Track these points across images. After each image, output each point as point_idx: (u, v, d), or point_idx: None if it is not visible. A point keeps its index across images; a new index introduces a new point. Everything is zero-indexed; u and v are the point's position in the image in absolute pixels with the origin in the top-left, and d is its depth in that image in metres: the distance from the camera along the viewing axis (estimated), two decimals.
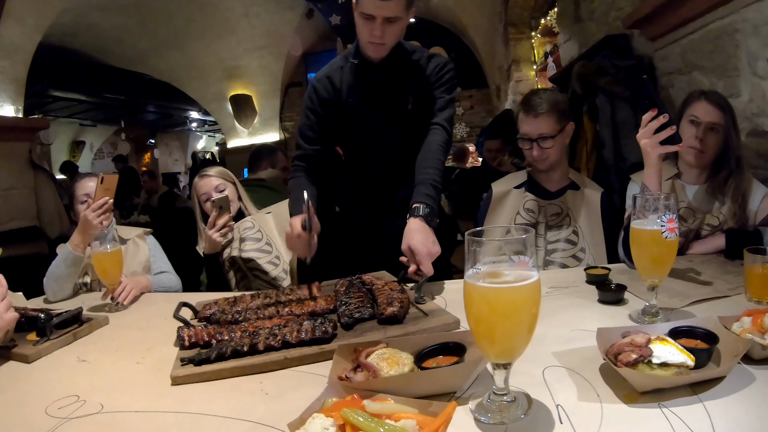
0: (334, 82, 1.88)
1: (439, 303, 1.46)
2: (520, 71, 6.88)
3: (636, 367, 0.91)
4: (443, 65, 1.86)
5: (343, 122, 1.91)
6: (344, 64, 1.88)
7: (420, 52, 1.88)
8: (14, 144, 4.51)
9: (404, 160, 1.83)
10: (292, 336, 1.18)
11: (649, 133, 1.48)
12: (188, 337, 1.25)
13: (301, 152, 1.92)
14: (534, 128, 1.92)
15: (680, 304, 1.32)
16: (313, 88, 1.90)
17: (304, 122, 1.91)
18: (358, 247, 2.04)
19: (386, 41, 1.72)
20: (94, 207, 1.91)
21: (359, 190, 2.08)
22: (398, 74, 1.84)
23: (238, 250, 2.16)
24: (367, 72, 1.85)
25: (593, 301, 1.40)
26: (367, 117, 1.88)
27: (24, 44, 4.56)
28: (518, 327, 0.77)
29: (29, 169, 4.60)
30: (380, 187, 1.99)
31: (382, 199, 1.98)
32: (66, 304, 1.89)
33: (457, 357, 0.98)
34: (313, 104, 1.89)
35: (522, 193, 2.05)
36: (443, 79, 1.85)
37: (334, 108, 1.88)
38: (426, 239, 1.52)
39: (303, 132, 1.92)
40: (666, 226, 1.20)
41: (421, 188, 1.65)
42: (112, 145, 13.97)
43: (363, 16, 1.67)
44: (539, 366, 1.03)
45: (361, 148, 1.99)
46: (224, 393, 1.06)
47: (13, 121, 4.50)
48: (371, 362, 0.93)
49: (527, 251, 0.75)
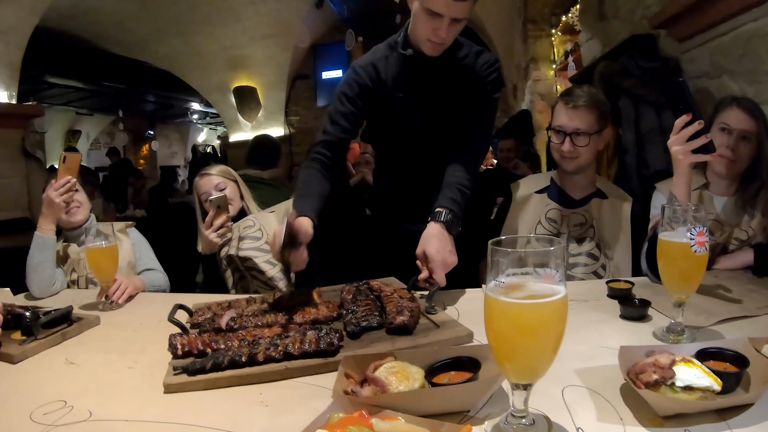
0: (380, 72, 1.80)
1: (451, 313, 1.44)
2: (539, 70, 6.83)
3: (658, 389, 0.89)
4: (492, 63, 1.82)
5: (383, 117, 1.85)
6: (389, 54, 1.81)
7: (468, 47, 1.82)
8: (6, 131, 4.52)
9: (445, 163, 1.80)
10: (294, 347, 1.16)
11: (681, 140, 1.45)
12: (181, 345, 1.22)
13: (328, 138, 1.79)
14: (570, 121, 1.86)
15: (706, 323, 1.29)
16: (356, 74, 1.81)
17: (339, 108, 1.80)
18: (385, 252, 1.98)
19: (448, 42, 1.67)
20: (56, 186, 1.93)
21: (393, 192, 2.02)
22: (449, 70, 1.79)
23: (235, 249, 2.14)
24: (418, 65, 1.78)
25: (615, 316, 1.38)
26: (411, 113, 1.82)
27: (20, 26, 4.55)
28: (542, 346, 0.75)
29: (21, 158, 4.61)
30: (417, 190, 1.92)
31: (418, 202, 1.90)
32: (56, 302, 1.88)
33: (470, 373, 0.96)
34: (353, 91, 1.79)
35: (544, 200, 2.00)
36: (490, 78, 1.81)
37: (375, 99, 1.81)
38: (443, 247, 1.49)
39: (335, 119, 1.80)
40: (695, 240, 1.17)
41: (447, 192, 1.62)
42: (109, 135, 14.00)
43: (428, 13, 1.59)
44: (559, 385, 1.00)
45: (400, 147, 1.93)
46: (221, 403, 1.04)
47: (6, 107, 4.50)
48: (379, 376, 0.90)
49: (554, 264, 0.73)
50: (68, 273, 2.13)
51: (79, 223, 2.15)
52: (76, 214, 2.14)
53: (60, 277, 2.06)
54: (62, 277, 2.08)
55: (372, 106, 1.82)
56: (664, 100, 2.92)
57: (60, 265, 2.10)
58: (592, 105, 1.85)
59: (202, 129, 16.76)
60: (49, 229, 1.98)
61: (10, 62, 4.57)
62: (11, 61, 4.58)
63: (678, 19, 2.80)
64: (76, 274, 2.14)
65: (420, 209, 1.87)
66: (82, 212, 2.16)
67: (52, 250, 1.99)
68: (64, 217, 2.09)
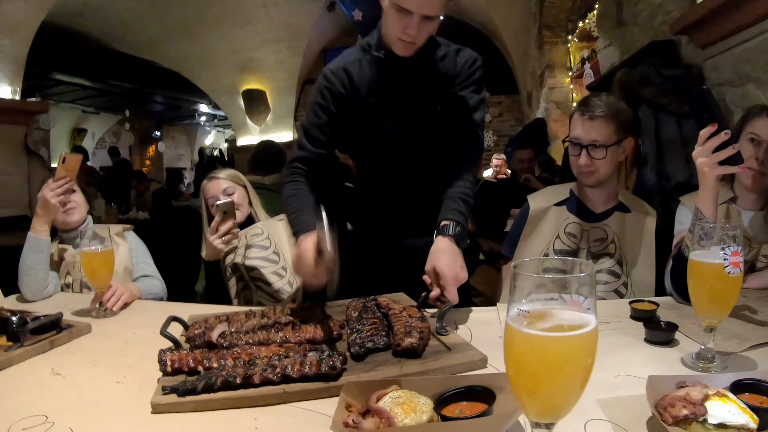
0: (353, 76, 1.71)
1: (464, 334, 1.37)
2: (554, 78, 6.78)
3: (689, 426, 0.82)
4: (473, 61, 1.74)
5: (360, 125, 1.76)
6: (362, 57, 1.72)
7: (446, 46, 1.75)
8: (9, 127, 4.50)
9: (430, 170, 1.73)
10: (293, 369, 1.08)
11: (707, 152, 1.38)
12: (171, 362, 1.15)
13: (304, 154, 1.72)
14: (586, 132, 1.78)
15: (738, 348, 1.22)
16: (327, 82, 1.71)
17: (313, 121, 1.72)
18: (373, 269, 1.90)
19: (419, 40, 1.59)
20: (53, 186, 1.90)
21: (377, 206, 1.93)
22: (426, 71, 1.71)
23: (242, 257, 2.08)
24: (392, 68, 1.70)
25: (639, 339, 1.31)
26: (389, 119, 1.74)
27: (26, 21, 4.55)
28: (569, 382, 0.68)
29: (24, 155, 4.59)
30: (402, 202, 1.85)
31: (404, 214, 1.86)
32: (48, 305, 1.83)
33: (484, 404, 0.89)
34: (326, 101, 1.70)
35: (563, 213, 1.92)
36: (474, 77, 1.73)
37: (350, 107, 1.72)
38: (454, 262, 1.43)
39: (309, 132, 1.72)
40: (729, 260, 1.10)
41: (450, 203, 1.55)
42: (114, 134, 14.06)
43: (397, 9, 1.51)
44: (581, 418, 0.93)
45: (381, 157, 1.84)
46: (212, 428, 0.97)
47: (9, 103, 4.48)
48: (384, 407, 0.83)
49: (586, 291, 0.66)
50: (62, 276, 2.09)
51: (76, 225, 2.11)
52: (73, 214, 2.09)
53: (54, 280, 2.02)
54: (56, 281, 2.04)
55: (347, 113, 1.72)
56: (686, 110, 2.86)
57: (54, 268, 2.06)
58: (609, 115, 1.77)
59: (209, 131, 16.77)
60: (42, 230, 1.94)
61: (16, 58, 4.56)
62: (16, 57, 4.56)
63: (700, 24, 2.73)
64: (71, 278, 2.09)
65: (406, 221, 1.83)
66: (78, 213, 2.12)
67: (46, 252, 1.95)
68: (60, 218, 2.05)
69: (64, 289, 2.07)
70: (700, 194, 1.45)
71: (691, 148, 2.71)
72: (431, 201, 1.63)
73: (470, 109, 1.71)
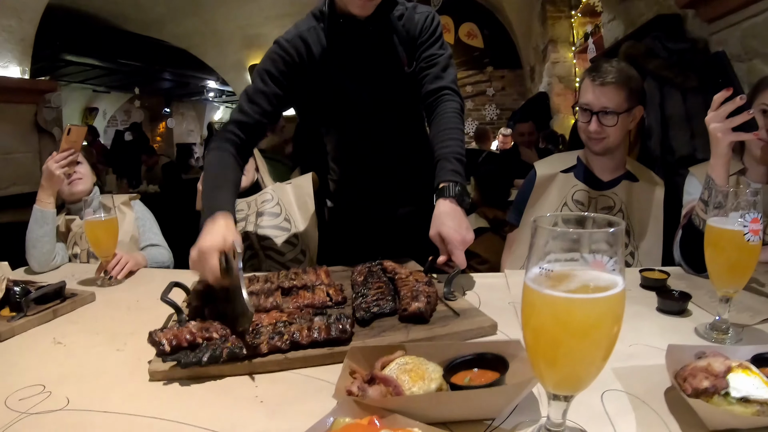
0: (310, 45, 1.57)
1: (472, 300, 1.30)
2: (557, 52, 6.71)
3: (710, 399, 0.75)
4: (432, 16, 1.62)
5: (324, 96, 1.64)
6: (316, 25, 1.59)
7: (402, 4, 1.62)
8: (19, 106, 4.46)
9: (405, 137, 1.64)
10: (302, 335, 1.01)
11: (720, 117, 1.30)
12: (167, 341, 1.02)
13: (243, 119, 1.54)
14: (597, 99, 1.69)
15: (751, 321, 1.16)
16: (282, 50, 1.56)
17: (260, 87, 1.55)
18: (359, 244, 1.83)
19: None
20: (57, 158, 1.86)
21: (356, 179, 1.84)
22: (386, 32, 1.59)
23: (254, 225, 1.99)
24: (351, 32, 1.56)
25: (651, 308, 1.24)
26: (354, 87, 1.62)
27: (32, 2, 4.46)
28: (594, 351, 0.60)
29: (34, 133, 4.57)
30: (380, 172, 1.76)
31: (385, 185, 1.77)
32: (56, 276, 1.78)
33: (496, 373, 0.82)
34: (277, 69, 1.55)
35: (570, 180, 1.85)
36: (436, 33, 1.61)
37: (309, 77, 1.59)
38: (459, 225, 1.34)
39: (253, 98, 1.55)
40: (749, 227, 1.03)
41: (445, 164, 1.45)
42: (125, 113, 13.97)
43: None
44: (597, 389, 0.86)
45: (351, 128, 1.73)
46: (210, 397, 0.91)
47: (18, 82, 4.44)
48: (391, 374, 0.76)
49: (612, 250, 0.58)
50: (70, 247, 2.03)
51: (81, 195, 2.04)
52: (78, 185, 2.03)
53: (61, 252, 1.96)
54: (63, 252, 1.98)
55: (307, 84, 1.60)
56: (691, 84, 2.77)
57: (62, 239, 2.00)
58: (621, 82, 1.67)
59: (218, 107, 16.65)
60: (48, 203, 1.89)
61: (23, 38, 4.47)
62: (24, 37, 4.48)
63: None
64: (78, 248, 2.04)
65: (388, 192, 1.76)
66: (83, 184, 2.05)
67: (52, 224, 1.90)
68: (66, 189, 2.00)
69: (71, 259, 2.01)
70: (712, 161, 1.37)
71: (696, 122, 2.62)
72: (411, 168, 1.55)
73: (443, 67, 1.60)
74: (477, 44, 8.54)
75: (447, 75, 1.59)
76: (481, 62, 8.58)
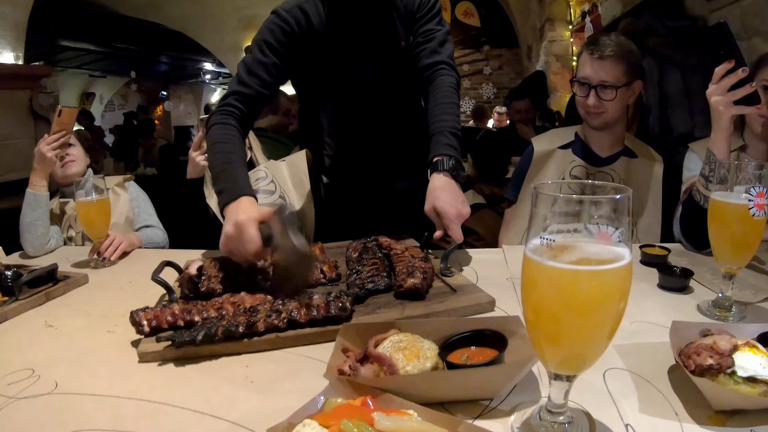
0: (309, 16, 1.52)
1: (469, 276, 1.26)
2: (554, 31, 6.63)
3: (716, 377, 0.72)
4: None
5: (322, 70, 1.59)
6: None
7: None
8: (14, 92, 4.39)
9: (402, 111, 1.60)
10: (300, 313, 0.97)
11: (722, 90, 1.25)
12: (147, 322, 0.99)
13: (244, 90, 1.48)
14: (595, 72, 1.65)
15: (754, 299, 1.13)
16: (281, 20, 1.51)
17: (259, 58, 1.50)
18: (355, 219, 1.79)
19: None
20: (49, 141, 1.82)
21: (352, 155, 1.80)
22: (386, 5, 1.54)
23: None
24: (349, 4, 1.52)
25: (652, 285, 1.22)
26: (353, 59, 1.58)
27: None
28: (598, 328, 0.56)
29: (30, 119, 4.50)
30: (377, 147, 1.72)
31: (382, 160, 1.73)
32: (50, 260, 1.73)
33: (494, 350, 0.78)
34: (277, 39, 1.50)
35: (568, 156, 1.81)
36: (435, 9, 1.57)
37: (307, 50, 1.54)
38: (454, 199, 1.30)
39: (252, 69, 1.49)
40: (754, 201, 1.00)
41: (440, 138, 1.41)
42: (122, 97, 13.87)
43: None
44: (599, 368, 0.83)
45: (350, 101, 1.68)
46: (200, 378, 0.88)
47: (13, 68, 4.37)
48: (384, 353, 0.73)
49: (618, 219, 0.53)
50: (65, 230, 1.99)
51: (75, 178, 1.99)
52: (71, 167, 1.98)
53: (56, 235, 1.92)
54: (58, 235, 1.94)
55: (305, 57, 1.56)
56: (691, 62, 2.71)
57: (56, 222, 1.96)
58: (619, 55, 1.63)
59: (215, 89, 16.48)
60: (40, 186, 1.84)
61: (16, 23, 4.39)
62: (17, 23, 4.40)
63: None
64: (73, 231, 2.00)
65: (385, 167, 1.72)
66: (76, 166, 2.00)
67: (45, 207, 1.85)
68: (59, 172, 1.95)
69: (66, 242, 1.97)
70: (713, 135, 1.34)
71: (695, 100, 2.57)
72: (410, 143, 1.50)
73: (440, 42, 1.56)
74: (474, 23, 8.43)
75: (444, 50, 1.55)
76: (478, 41, 8.49)
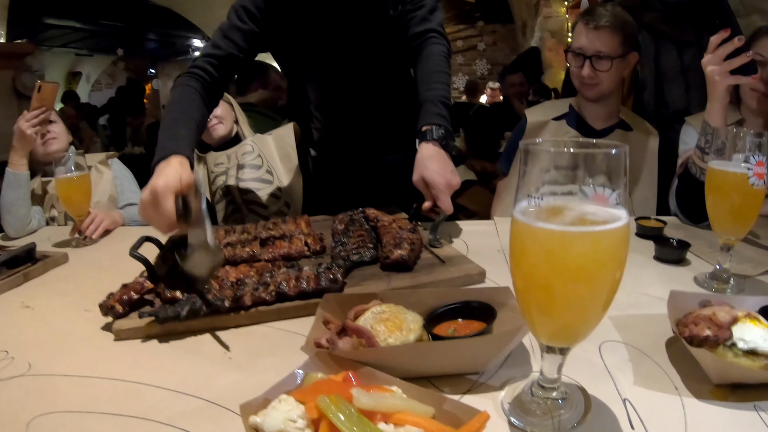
0: None
1: (459, 247, 1.23)
2: (550, 7, 6.61)
3: (715, 349, 0.70)
4: None
5: (308, 39, 1.54)
6: None
7: None
8: None
9: (391, 82, 1.55)
10: (289, 285, 0.94)
11: (718, 59, 1.23)
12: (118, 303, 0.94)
13: (215, 52, 1.43)
14: (591, 43, 1.62)
15: (753, 272, 1.11)
16: None
17: (235, 24, 1.44)
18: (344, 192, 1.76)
19: None
20: (28, 117, 1.77)
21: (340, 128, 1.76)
22: None
23: (235, 179, 1.91)
24: None
25: (648, 257, 1.20)
26: (338, 29, 1.53)
27: None
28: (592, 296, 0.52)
29: (13, 99, 4.42)
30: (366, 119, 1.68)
31: (369, 133, 1.69)
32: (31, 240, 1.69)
33: (482, 323, 0.75)
34: (255, 5, 1.44)
35: (562, 128, 1.77)
36: None
37: (290, 20, 1.49)
38: (443, 168, 1.26)
39: (227, 34, 1.44)
40: (754, 170, 0.97)
41: (430, 107, 1.36)
42: (110, 75, 13.63)
43: None
44: (594, 340, 0.80)
45: (335, 74, 1.64)
46: (178, 356, 0.85)
47: None
48: (364, 325, 0.69)
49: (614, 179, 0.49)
50: (47, 210, 1.95)
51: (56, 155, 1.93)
52: (52, 144, 1.94)
53: (38, 215, 1.88)
54: (40, 215, 1.90)
55: (288, 25, 1.51)
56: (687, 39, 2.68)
57: (38, 202, 1.92)
58: (615, 26, 1.60)
59: None
60: (20, 164, 1.80)
61: None
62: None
63: None
64: (56, 211, 1.95)
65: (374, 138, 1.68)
66: (57, 143, 1.96)
67: (26, 187, 1.81)
68: (40, 150, 1.90)
69: (49, 223, 1.93)
70: (709, 106, 1.32)
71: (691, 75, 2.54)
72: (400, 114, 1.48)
73: (430, 9, 1.51)
74: None
75: (434, 18, 1.50)
76: (472, 16, 8.38)
